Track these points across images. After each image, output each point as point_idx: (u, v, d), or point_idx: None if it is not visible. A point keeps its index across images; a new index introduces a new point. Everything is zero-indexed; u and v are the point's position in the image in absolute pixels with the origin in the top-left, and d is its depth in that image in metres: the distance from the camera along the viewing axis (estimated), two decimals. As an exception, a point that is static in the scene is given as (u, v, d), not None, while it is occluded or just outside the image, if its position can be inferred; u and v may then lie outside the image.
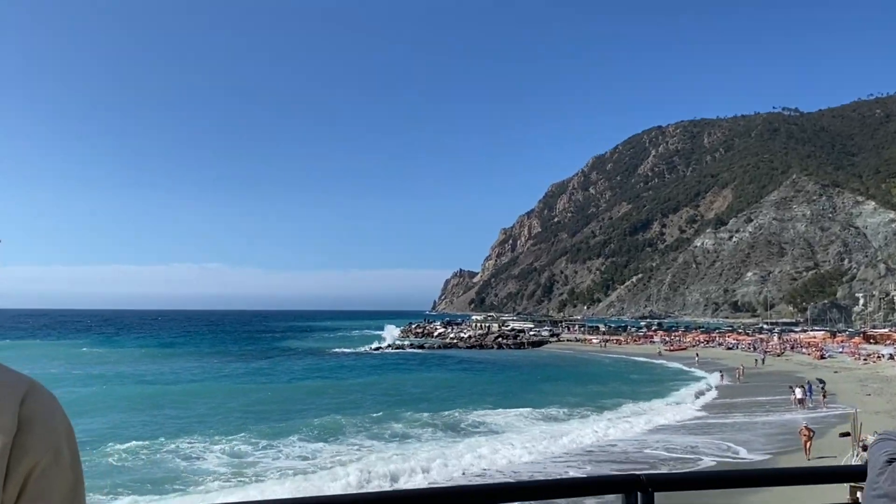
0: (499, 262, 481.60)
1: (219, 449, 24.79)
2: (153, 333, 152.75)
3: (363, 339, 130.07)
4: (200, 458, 23.37)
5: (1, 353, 77.49)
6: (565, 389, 48.28)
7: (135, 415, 33.15)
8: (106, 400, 38.56)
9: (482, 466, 22.00)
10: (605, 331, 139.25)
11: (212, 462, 22.97)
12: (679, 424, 33.26)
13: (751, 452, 25.09)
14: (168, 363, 70.35)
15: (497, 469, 22.21)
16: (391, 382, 54.23)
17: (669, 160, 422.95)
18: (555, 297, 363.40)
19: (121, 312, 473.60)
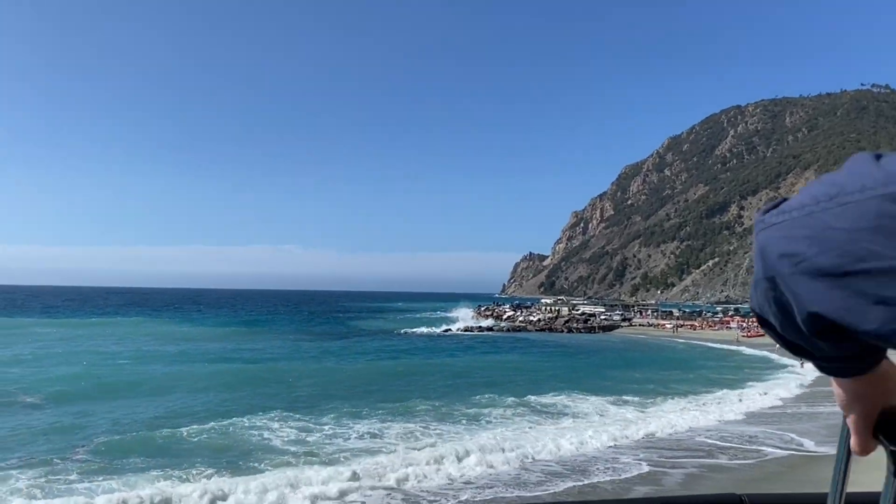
0: (569, 246, 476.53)
1: (292, 427, 25.04)
2: (232, 312, 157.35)
3: (433, 320, 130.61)
4: (274, 436, 23.63)
5: (92, 330, 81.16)
6: (637, 375, 47.15)
7: (216, 393, 33.84)
8: (188, 378, 39.65)
9: (560, 453, 21.46)
10: (679, 315, 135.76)
11: (284, 439, 23.20)
12: (759, 413, 31.93)
13: (819, 445, 23.86)
14: (246, 342, 72.03)
15: (573, 455, 21.68)
16: (461, 364, 54.11)
17: (749, 140, 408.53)
18: (627, 282, 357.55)
19: (201, 291, 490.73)
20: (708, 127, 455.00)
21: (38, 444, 21.71)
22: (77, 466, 18.61)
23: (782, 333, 1.04)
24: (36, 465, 18.54)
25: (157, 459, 19.91)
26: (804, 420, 29.83)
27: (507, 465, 20.14)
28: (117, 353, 55.27)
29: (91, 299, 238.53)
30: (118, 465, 19.03)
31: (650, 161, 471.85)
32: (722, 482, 18.58)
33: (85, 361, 46.97)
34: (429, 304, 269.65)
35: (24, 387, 34.18)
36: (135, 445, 21.43)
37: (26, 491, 15.91)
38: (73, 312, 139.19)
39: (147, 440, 22.46)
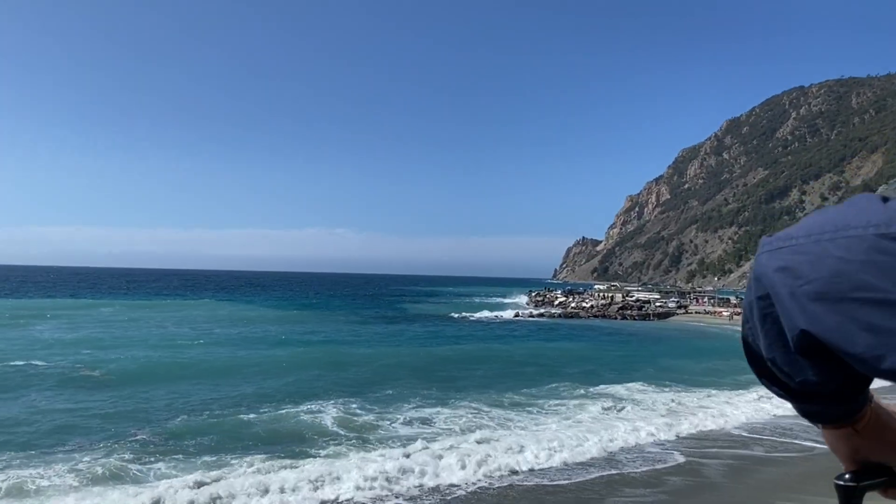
0: (624, 231, 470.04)
1: (342, 411, 25.19)
2: (290, 296, 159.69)
3: (485, 305, 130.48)
4: (326, 420, 23.77)
5: (163, 313, 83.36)
6: (692, 365, 46.09)
7: (275, 377, 34.21)
8: (250, 362, 40.33)
9: (610, 448, 20.97)
10: (737, 303, 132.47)
11: (334, 422, 23.32)
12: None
13: None
14: (305, 325, 72.65)
15: (622, 447, 21.21)
16: (513, 351, 53.78)
17: (812, 123, 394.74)
18: (683, 268, 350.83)
19: (257, 274, 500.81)
20: (769, 109, 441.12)
21: (102, 425, 22.28)
22: (135, 448, 18.99)
23: (768, 356, 1.08)
24: (96, 447, 18.97)
25: (214, 443, 20.22)
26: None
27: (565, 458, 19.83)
28: (183, 335, 56.70)
29: (158, 280, 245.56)
30: (175, 447, 19.36)
31: (708, 144, 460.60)
32: (769, 475, 17.93)
33: (155, 342, 48.37)
34: (480, 288, 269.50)
35: (92, 366, 35.27)
36: (194, 429, 21.80)
37: (86, 472, 16.25)
38: (143, 294, 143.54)
39: (206, 424, 22.83)
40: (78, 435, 20.93)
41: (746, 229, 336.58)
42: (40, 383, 30.38)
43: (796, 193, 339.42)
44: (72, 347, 44.73)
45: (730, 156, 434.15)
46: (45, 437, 20.75)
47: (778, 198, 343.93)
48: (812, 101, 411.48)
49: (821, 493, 15.83)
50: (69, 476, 16.52)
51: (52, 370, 34.22)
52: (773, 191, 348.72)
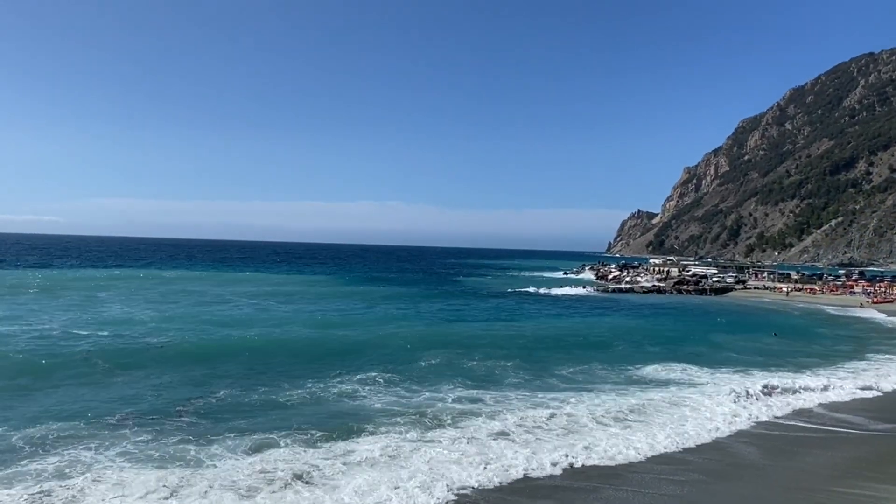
0: (681, 203, 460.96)
1: (392, 390, 26.21)
2: (349, 270, 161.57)
3: (538, 280, 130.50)
4: (376, 400, 24.71)
5: (231, 288, 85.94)
6: (757, 345, 45.77)
7: (322, 359, 35.35)
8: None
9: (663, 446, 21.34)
10: (798, 278, 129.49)
11: (384, 401, 24.28)
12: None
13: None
14: (370, 302, 73.64)
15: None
16: (567, 326, 54.15)
17: (882, 91, 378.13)
18: (741, 242, 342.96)
19: (311, 246, 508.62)
20: (835, 77, 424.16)
21: (156, 400, 23.75)
22: (181, 425, 20.12)
23: None
24: (145, 424, 20.17)
25: (269, 420, 21.42)
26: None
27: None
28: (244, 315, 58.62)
29: (218, 251, 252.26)
30: (224, 425, 20.43)
31: (770, 114, 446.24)
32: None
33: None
34: (534, 261, 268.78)
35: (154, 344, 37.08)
36: (241, 407, 23.01)
37: (136, 452, 17.31)
38: (210, 264, 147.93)
39: (256, 402, 24.12)
40: (129, 409, 22.42)
41: (809, 202, 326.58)
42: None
43: (863, 165, 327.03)
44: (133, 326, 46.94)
45: (793, 126, 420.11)
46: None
47: (843, 170, 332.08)
48: (882, 67, 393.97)
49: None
50: (119, 460, 17.85)
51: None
52: (838, 162, 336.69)
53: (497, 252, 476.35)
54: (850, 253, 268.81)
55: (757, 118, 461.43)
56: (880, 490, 15.83)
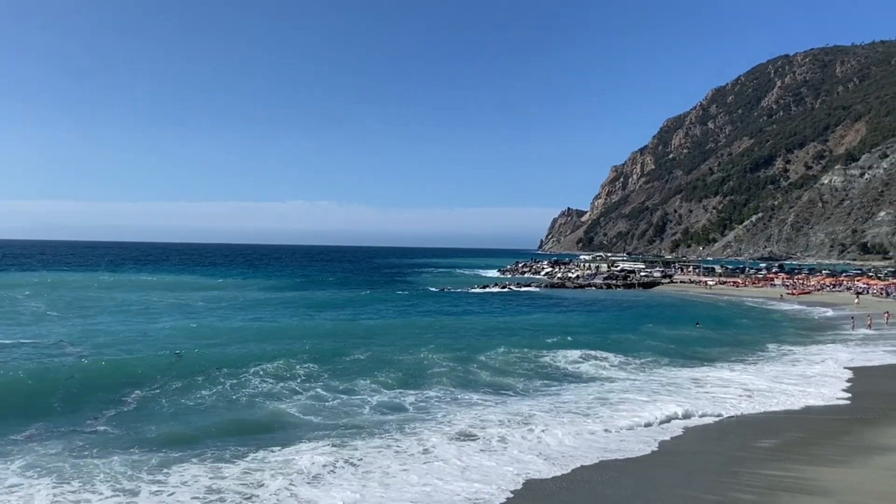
0: (609, 201, 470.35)
1: (304, 392, 25.62)
2: (282, 271, 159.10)
3: (470, 278, 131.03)
4: (294, 402, 24.02)
5: (151, 294, 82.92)
6: (687, 334, 46.78)
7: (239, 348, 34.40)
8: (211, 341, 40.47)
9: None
10: (722, 272, 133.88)
11: (300, 406, 23.60)
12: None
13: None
14: (320, 305, 72.36)
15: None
16: (493, 323, 54.28)
17: (796, 92, 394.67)
18: (667, 237, 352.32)
19: (236, 247, 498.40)
20: (754, 78, 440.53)
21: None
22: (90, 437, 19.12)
23: None
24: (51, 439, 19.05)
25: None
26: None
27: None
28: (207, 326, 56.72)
29: (152, 253, 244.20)
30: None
31: (693, 114, 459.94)
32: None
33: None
34: (466, 259, 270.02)
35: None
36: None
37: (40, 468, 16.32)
38: (156, 267, 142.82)
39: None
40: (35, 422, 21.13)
41: (731, 199, 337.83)
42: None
43: (780, 163, 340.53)
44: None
45: (715, 125, 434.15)
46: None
47: (762, 167, 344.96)
48: (797, 69, 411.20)
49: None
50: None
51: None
52: (757, 160, 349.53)
53: (432, 251, 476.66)
54: (770, 247, 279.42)
55: (681, 118, 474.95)
56: (805, 471, 16.06)
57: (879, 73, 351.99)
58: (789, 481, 15.15)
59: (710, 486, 14.90)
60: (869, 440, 18.86)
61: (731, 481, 15.27)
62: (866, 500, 13.76)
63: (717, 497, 14.23)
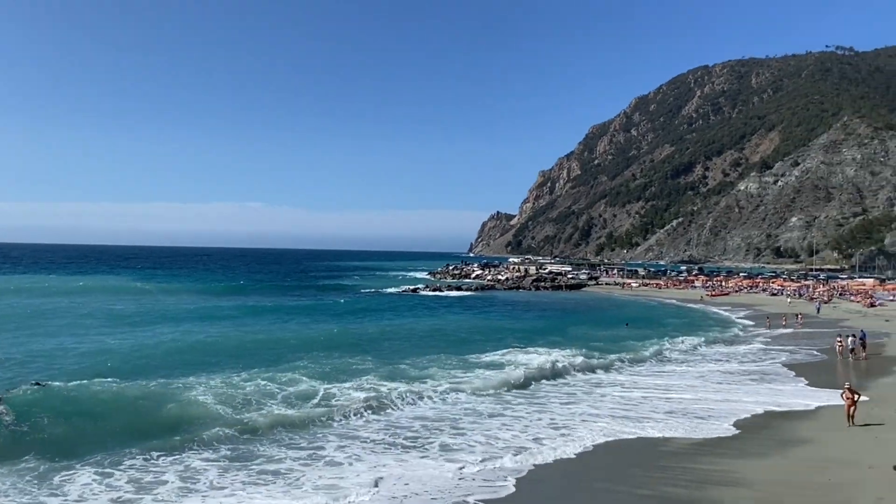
0: (537, 205, 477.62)
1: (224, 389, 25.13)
2: (201, 270, 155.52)
3: (401, 280, 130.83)
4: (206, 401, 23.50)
5: (73, 300, 79.31)
6: (611, 333, 47.90)
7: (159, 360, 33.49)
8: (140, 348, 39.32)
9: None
10: (645, 275, 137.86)
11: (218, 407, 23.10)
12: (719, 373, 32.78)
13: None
14: (216, 302, 71.25)
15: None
16: (428, 325, 54.40)
17: (715, 101, 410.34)
18: (592, 241, 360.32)
19: (165, 249, 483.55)
20: (675, 87, 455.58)
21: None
22: None
23: None
24: None
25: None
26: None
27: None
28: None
29: (52, 258, 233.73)
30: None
31: (617, 121, 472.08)
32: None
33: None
34: (397, 262, 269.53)
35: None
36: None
37: None
38: (69, 269, 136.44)
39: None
40: None
41: (653, 204, 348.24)
42: None
43: (700, 169, 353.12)
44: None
45: (638, 132, 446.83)
46: None
47: (683, 173, 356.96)
48: (715, 80, 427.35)
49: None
50: None
51: None
52: (678, 166, 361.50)
53: (363, 254, 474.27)
54: (690, 251, 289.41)
55: (606, 125, 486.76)
56: (731, 464, 16.73)
57: (791, 85, 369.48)
58: (717, 475, 15.79)
59: (642, 482, 15.37)
60: (788, 433, 19.82)
61: (661, 476, 15.79)
62: (785, 490, 14.47)
63: (649, 492, 14.69)
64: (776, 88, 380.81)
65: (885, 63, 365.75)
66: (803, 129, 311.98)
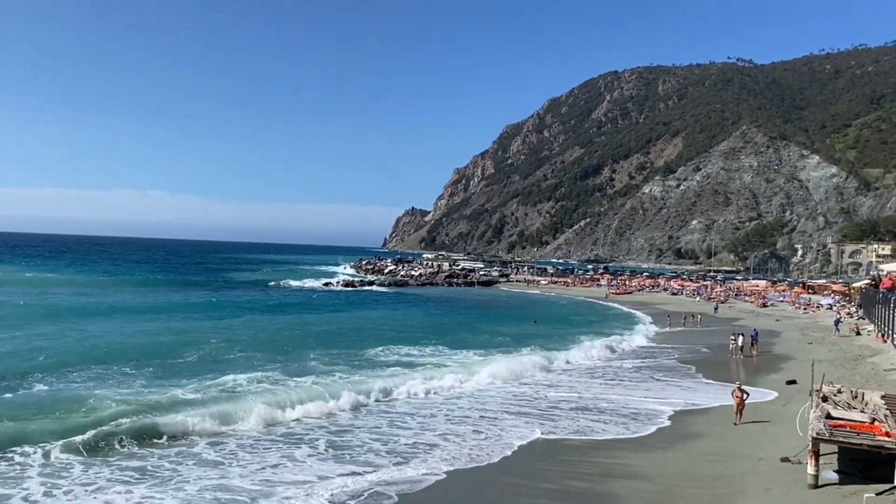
0: (451, 202, 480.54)
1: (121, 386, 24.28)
2: (94, 261, 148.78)
3: (313, 273, 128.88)
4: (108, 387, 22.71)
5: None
6: (515, 330, 48.68)
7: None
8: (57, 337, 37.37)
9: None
10: (554, 273, 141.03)
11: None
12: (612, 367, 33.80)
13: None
14: (109, 293, 68.42)
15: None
16: (336, 320, 53.85)
17: (623, 106, 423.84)
18: (504, 239, 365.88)
19: (59, 237, 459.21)
20: (586, 91, 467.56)
21: None
22: None
23: None
24: None
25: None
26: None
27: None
28: None
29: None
30: None
31: (531, 122, 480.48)
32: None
33: None
34: (308, 256, 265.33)
35: None
36: None
37: None
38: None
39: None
40: None
41: (563, 204, 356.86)
42: None
43: (607, 172, 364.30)
44: None
45: (550, 134, 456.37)
46: None
47: (592, 175, 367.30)
48: (624, 85, 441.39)
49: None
50: None
51: None
52: (587, 168, 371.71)
53: (272, 247, 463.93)
54: (597, 250, 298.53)
55: (519, 125, 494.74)
56: (632, 458, 17.24)
57: (695, 93, 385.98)
58: (618, 469, 16.25)
59: (546, 476, 15.63)
60: (685, 428, 20.65)
61: (566, 470, 16.12)
62: (681, 482, 15.03)
63: (553, 486, 14.95)
64: (681, 96, 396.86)
65: (781, 76, 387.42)
66: (705, 136, 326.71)
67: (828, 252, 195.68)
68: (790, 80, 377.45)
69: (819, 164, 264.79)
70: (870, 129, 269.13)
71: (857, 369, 30.35)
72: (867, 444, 12.80)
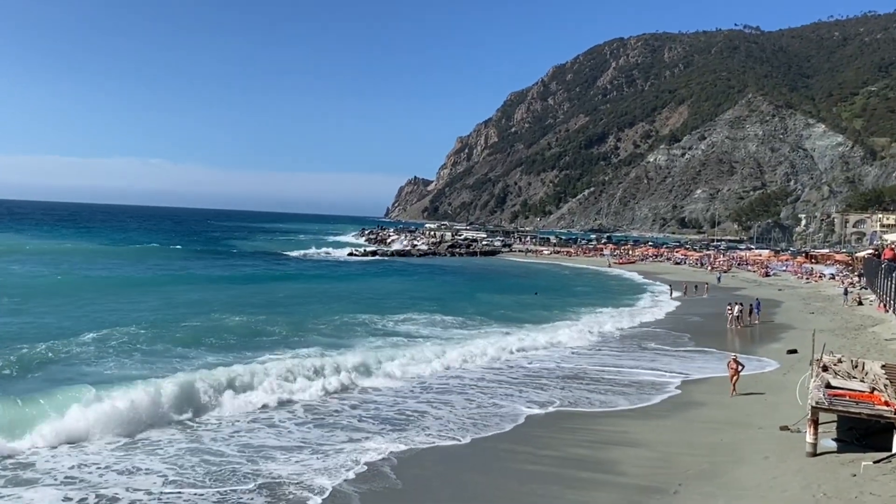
0: (454, 171, 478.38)
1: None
2: (106, 229, 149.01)
3: (315, 243, 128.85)
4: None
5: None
6: (520, 300, 48.81)
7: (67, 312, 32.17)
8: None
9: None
10: (556, 242, 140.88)
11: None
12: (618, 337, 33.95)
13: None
14: (111, 262, 68.55)
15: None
16: (337, 288, 54.05)
17: (629, 73, 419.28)
18: (507, 208, 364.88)
19: (61, 205, 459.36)
20: (592, 58, 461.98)
21: None
22: None
23: None
24: None
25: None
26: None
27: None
28: None
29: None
30: None
31: (535, 89, 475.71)
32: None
33: None
34: (311, 225, 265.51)
35: None
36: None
37: None
38: None
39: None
40: None
41: (566, 173, 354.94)
42: None
43: (612, 140, 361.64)
44: None
45: (554, 101, 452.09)
46: None
47: (596, 143, 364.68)
48: (630, 52, 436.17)
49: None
50: None
51: None
52: (592, 137, 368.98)
53: (275, 216, 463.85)
54: (600, 220, 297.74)
55: (524, 92, 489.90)
56: (632, 426, 17.39)
57: (701, 61, 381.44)
58: (618, 436, 16.42)
59: (547, 443, 15.81)
60: (685, 397, 20.81)
61: (567, 437, 16.29)
62: (681, 449, 15.19)
63: (553, 452, 15.12)
64: (687, 63, 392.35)
65: (788, 44, 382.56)
66: (710, 105, 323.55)
67: (832, 221, 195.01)
68: (797, 48, 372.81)
69: (825, 132, 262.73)
70: (877, 98, 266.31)
71: (859, 339, 30.46)
72: (866, 413, 12.90)
